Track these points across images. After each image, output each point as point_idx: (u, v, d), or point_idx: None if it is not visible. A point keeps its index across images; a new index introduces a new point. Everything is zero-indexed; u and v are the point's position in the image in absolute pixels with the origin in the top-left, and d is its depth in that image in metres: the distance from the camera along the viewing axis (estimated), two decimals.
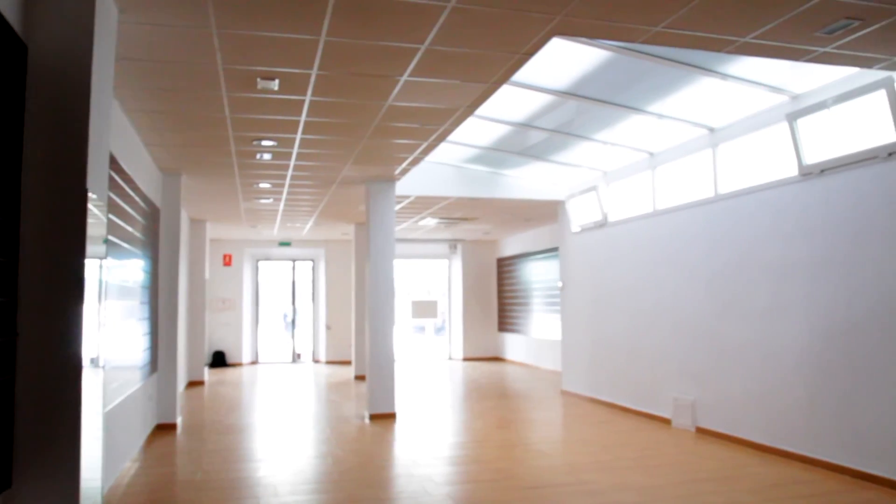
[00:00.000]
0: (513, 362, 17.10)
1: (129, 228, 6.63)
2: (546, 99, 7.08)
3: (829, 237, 6.27)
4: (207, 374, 14.35)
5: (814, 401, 6.39)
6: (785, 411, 6.72)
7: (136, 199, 6.99)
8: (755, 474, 6.12)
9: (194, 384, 13.13)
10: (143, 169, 7.36)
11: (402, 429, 8.44)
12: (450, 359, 18.33)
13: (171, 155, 7.74)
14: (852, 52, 4.80)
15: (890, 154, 5.65)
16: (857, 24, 4.30)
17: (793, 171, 6.67)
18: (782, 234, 6.81)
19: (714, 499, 5.39)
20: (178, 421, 8.68)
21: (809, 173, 6.45)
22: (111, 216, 5.54)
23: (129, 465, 6.60)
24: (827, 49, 4.72)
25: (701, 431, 7.90)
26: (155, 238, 8.36)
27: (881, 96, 5.60)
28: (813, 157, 6.38)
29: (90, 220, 3.27)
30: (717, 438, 7.59)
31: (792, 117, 6.47)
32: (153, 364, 8.21)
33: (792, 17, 4.19)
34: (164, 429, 8.40)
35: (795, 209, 6.65)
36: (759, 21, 4.25)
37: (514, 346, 17.26)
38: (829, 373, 6.24)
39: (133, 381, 6.92)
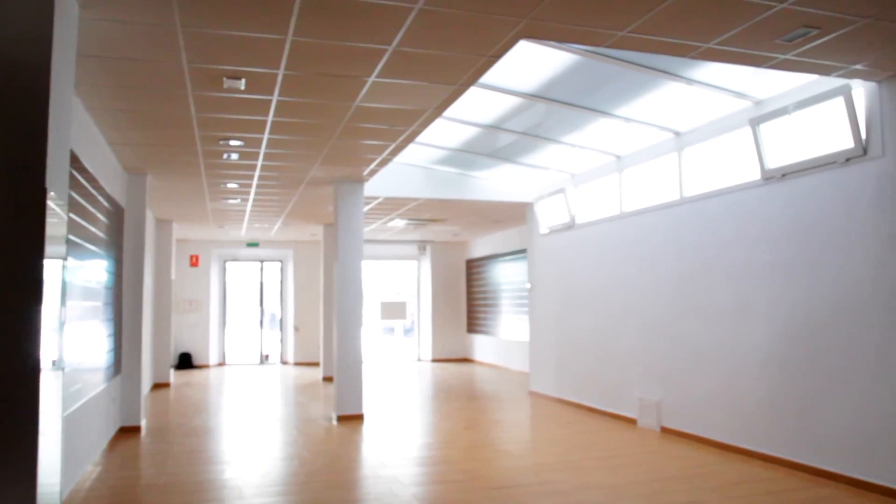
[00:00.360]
0: (482, 363, 17.14)
1: (92, 228, 6.52)
2: (515, 101, 7.11)
3: (791, 240, 6.38)
4: (173, 376, 14.16)
5: (775, 401, 6.50)
6: (747, 411, 6.83)
7: (100, 198, 6.88)
8: (718, 473, 6.21)
9: (160, 386, 12.95)
10: (106, 168, 7.24)
11: (369, 430, 8.41)
12: (419, 360, 18.32)
13: (135, 154, 7.63)
14: (811, 60, 4.91)
15: (848, 160, 5.77)
16: (815, 32, 4.40)
17: (756, 175, 6.78)
18: (746, 237, 6.92)
19: (677, 497, 5.45)
20: (143, 423, 8.55)
21: (772, 177, 6.56)
22: (73, 216, 5.44)
23: (90, 468, 6.49)
24: (787, 56, 4.81)
25: (666, 431, 7.99)
26: (119, 238, 8.23)
27: (839, 103, 5.72)
28: (775, 162, 6.49)
29: (50, 220, 3.21)
30: (681, 438, 7.68)
31: (755, 122, 6.58)
32: (117, 366, 8.08)
33: (753, 25, 4.27)
34: (127, 432, 8.27)
35: (758, 213, 6.77)
36: (722, 27, 4.32)
37: (482, 348, 17.31)
38: (789, 373, 6.36)
39: (95, 384, 6.80)
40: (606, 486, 5.80)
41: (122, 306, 8.31)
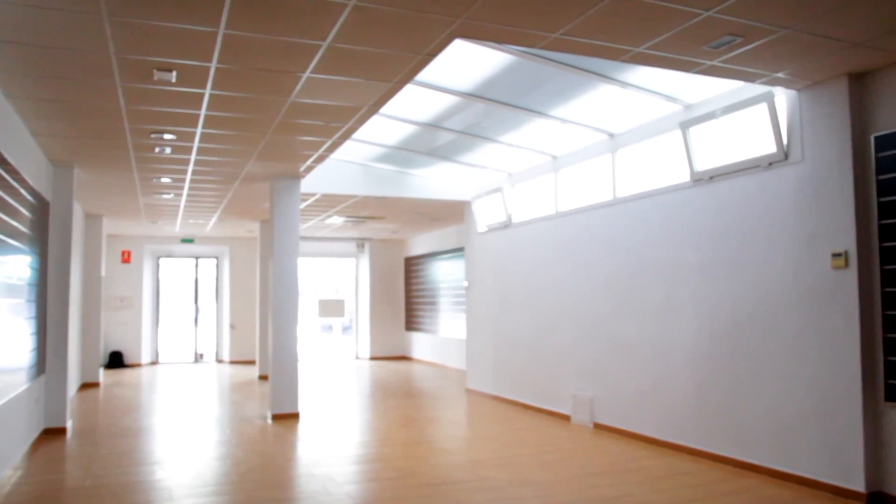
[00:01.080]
0: (420, 361, 17.16)
1: (14, 223, 6.27)
2: (453, 100, 7.14)
3: (717, 241, 6.57)
4: (103, 376, 13.74)
5: (701, 396, 6.69)
6: (675, 406, 7.01)
7: (22, 191, 6.62)
8: (646, 467, 6.36)
9: (88, 386, 12.55)
10: (29, 160, 6.97)
11: (304, 429, 8.33)
12: (357, 358, 18.23)
13: (61, 146, 7.37)
14: (736, 67, 5.07)
15: (770, 164, 5.98)
16: (739, 40, 4.54)
17: (685, 177, 6.96)
18: (674, 237, 7.10)
19: (606, 491, 5.56)
20: (69, 425, 8.27)
21: (700, 179, 6.74)
22: None
23: (9, 472, 6.24)
24: (714, 63, 4.96)
25: (598, 427, 8.14)
26: (44, 233, 7.93)
27: (763, 110, 5.92)
28: (703, 165, 6.67)
29: None
30: (613, 433, 7.84)
31: (684, 126, 6.75)
32: (40, 365, 7.78)
33: (681, 31, 4.38)
34: (52, 433, 7.98)
35: (687, 213, 6.95)
36: (652, 33, 4.42)
37: (421, 346, 17.33)
38: (714, 370, 6.55)
39: (16, 384, 6.55)
40: (539, 481, 5.88)
41: (46, 303, 8.02)
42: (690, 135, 6.71)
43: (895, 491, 5.10)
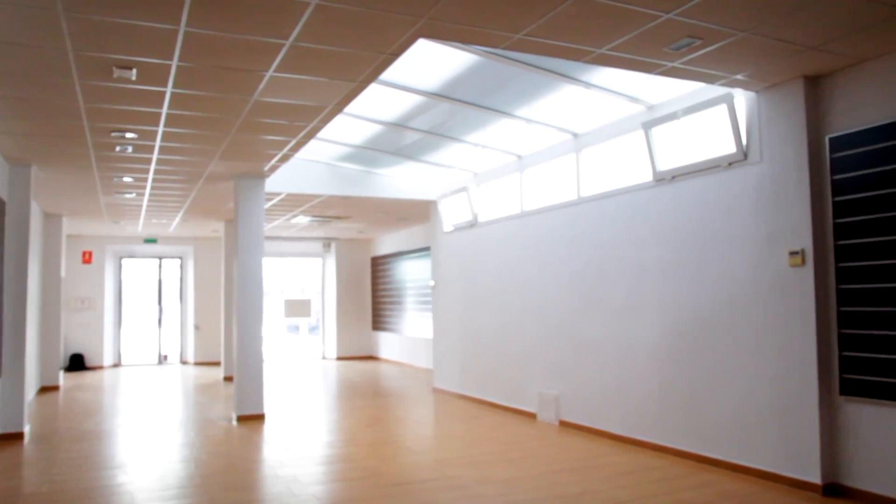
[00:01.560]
0: (387, 361, 17.13)
1: None
2: (418, 100, 7.13)
3: (679, 240, 6.67)
4: (63, 379, 13.49)
5: (664, 393, 6.78)
6: (638, 403, 7.10)
7: None
8: (611, 463, 6.43)
9: (47, 389, 12.30)
10: None
11: (270, 430, 8.26)
12: (324, 358, 18.13)
13: (17, 144, 7.21)
14: (696, 69, 5.15)
15: (730, 164, 6.08)
16: (698, 42, 4.61)
17: (648, 176, 7.05)
18: (638, 236, 7.18)
19: (571, 488, 5.62)
20: (26, 430, 8.09)
21: (662, 179, 6.83)
22: None
23: None
24: (674, 64, 5.03)
25: (564, 424, 8.21)
26: (0, 233, 7.76)
27: (723, 110, 6.02)
28: (665, 164, 6.76)
29: None
30: (578, 431, 7.91)
31: (647, 126, 6.82)
32: None
33: (642, 33, 4.44)
34: (8, 439, 7.81)
35: (650, 213, 7.03)
36: (614, 34, 4.47)
37: (388, 345, 17.29)
38: (677, 366, 6.64)
39: None
40: (504, 479, 5.92)
41: (2, 305, 7.84)
42: (653, 135, 6.79)
43: (849, 481, 5.23)
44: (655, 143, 6.80)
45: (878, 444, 5.05)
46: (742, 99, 5.98)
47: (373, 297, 18.18)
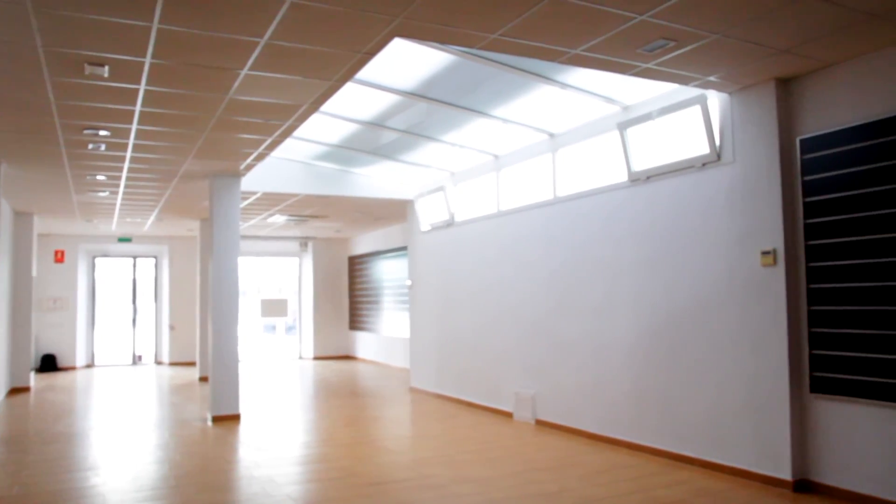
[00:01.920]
0: (364, 360, 17.08)
1: None
2: (396, 99, 7.12)
3: (654, 240, 6.72)
4: (34, 380, 13.29)
5: (639, 392, 6.83)
6: (614, 402, 7.14)
7: None
8: (586, 462, 6.46)
9: (18, 391, 12.10)
10: None
11: (245, 430, 8.20)
12: (300, 358, 18.04)
13: None
14: (670, 70, 5.20)
15: (704, 164, 6.15)
16: (672, 44, 4.66)
17: (623, 177, 7.09)
18: (613, 236, 7.23)
19: (547, 487, 5.64)
20: None
21: (637, 179, 6.88)
22: None
23: None
24: (648, 65, 5.07)
25: (541, 423, 8.24)
26: None
27: (697, 111, 6.08)
28: (640, 165, 6.81)
29: None
30: (554, 430, 7.94)
31: (622, 126, 6.87)
32: None
33: (616, 34, 4.47)
34: None
35: (625, 213, 7.08)
36: (588, 35, 4.50)
37: (365, 345, 17.24)
38: (651, 365, 6.70)
39: None
40: (481, 478, 5.93)
41: None
42: (628, 135, 6.84)
43: (819, 478, 5.32)
44: (631, 144, 6.85)
45: (848, 441, 5.13)
46: (715, 100, 6.04)
47: (350, 296, 18.12)
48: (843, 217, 5.14)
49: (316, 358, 17.78)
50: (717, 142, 6.02)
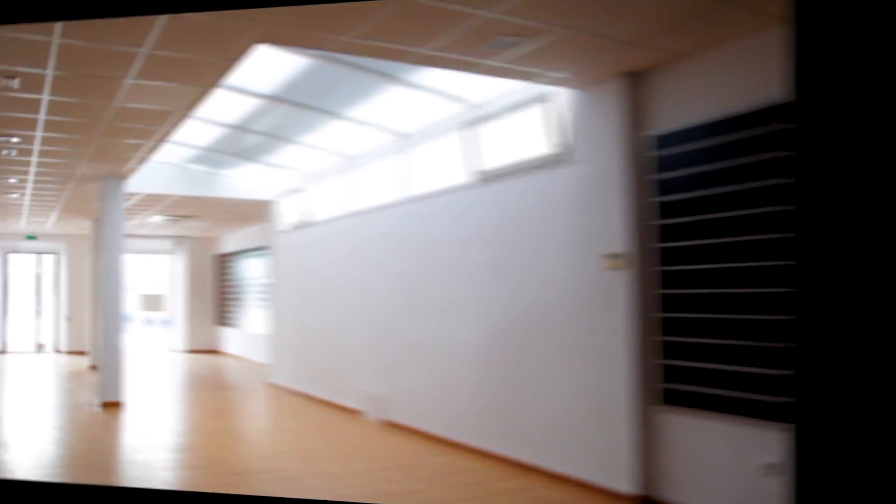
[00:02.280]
0: (229, 355, 15.68)
1: None
2: (258, 103, 6.41)
3: (500, 241, 5.83)
4: None
5: (482, 395, 5.98)
6: (459, 405, 6.26)
7: None
8: (431, 464, 5.78)
9: None
10: None
11: (128, 417, 7.54)
12: (174, 350, 16.55)
13: None
14: (516, 67, 4.48)
15: (550, 164, 5.23)
16: (517, 40, 4.03)
17: (472, 176, 6.15)
18: (460, 237, 6.32)
19: (393, 486, 5.07)
20: None
21: (485, 179, 5.95)
22: None
23: None
24: (493, 63, 4.40)
25: (390, 424, 7.18)
26: None
27: (545, 109, 5.20)
28: (488, 164, 5.90)
29: None
30: (402, 430, 6.96)
31: (469, 125, 5.98)
32: None
33: (459, 32, 3.90)
34: None
35: (472, 213, 6.17)
36: (434, 35, 3.94)
37: (230, 340, 15.81)
38: (494, 369, 5.84)
39: None
40: (330, 474, 5.37)
41: None
42: (475, 134, 5.94)
43: (663, 494, 4.33)
44: (478, 143, 5.95)
45: (696, 457, 4.18)
46: (563, 97, 4.96)
47: (217, 293, 16.61)
48: (698, 218, 4.13)
49: (188, 351, 16.24)
50: (564, 140, 5.11)
